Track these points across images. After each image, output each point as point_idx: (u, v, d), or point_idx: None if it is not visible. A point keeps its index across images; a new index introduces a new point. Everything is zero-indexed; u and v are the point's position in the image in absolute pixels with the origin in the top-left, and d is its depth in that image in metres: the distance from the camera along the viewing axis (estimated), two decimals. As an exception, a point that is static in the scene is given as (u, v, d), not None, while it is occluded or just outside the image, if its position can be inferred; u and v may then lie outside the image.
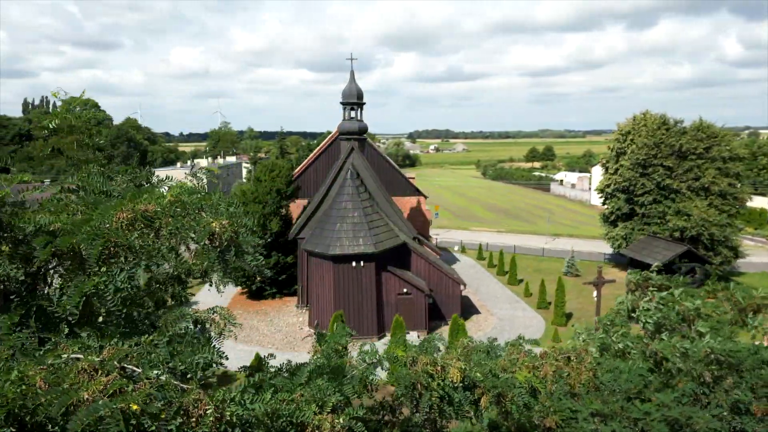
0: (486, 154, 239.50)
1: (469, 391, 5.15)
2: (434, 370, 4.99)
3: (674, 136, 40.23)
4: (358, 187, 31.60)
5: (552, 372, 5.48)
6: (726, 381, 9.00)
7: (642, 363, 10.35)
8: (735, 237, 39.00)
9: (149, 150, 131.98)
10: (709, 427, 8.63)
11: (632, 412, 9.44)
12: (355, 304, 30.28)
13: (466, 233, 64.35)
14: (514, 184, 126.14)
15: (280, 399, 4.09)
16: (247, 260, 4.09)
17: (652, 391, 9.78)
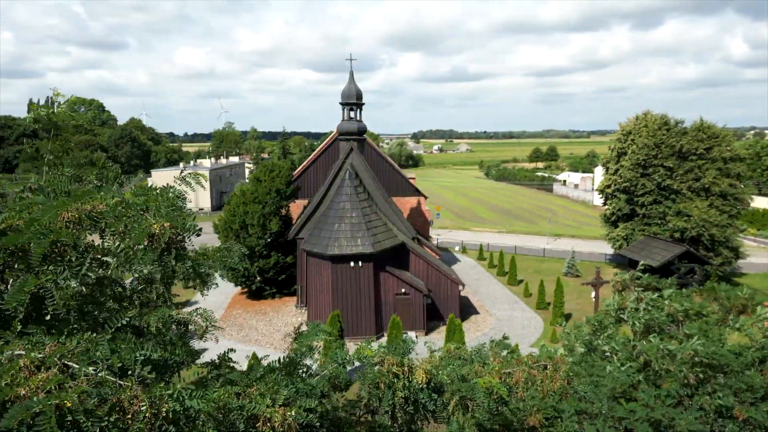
0: (489, 155, 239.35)
1: (437, 394, 5.16)
2: (400, 371, 5.00)
3: (675, 137, 40.10)
4: (357, 187, 31.63)
5: (524, 379, 5.47)
6: (709, 383, 8.97)
7: (629, 364, 10.34)
8: (736, 238, 38.83)
9: (153, 150, 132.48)
10: (690, 429, 8.63)
11: (617, 412, 9.45)
12: (353, 304, 30.31)
13: (468, 234, 64.30)
14: (517, 185, 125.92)
15: (231, 393, 4.13)
16: (186, 264, 4.10)
17: (639, 391, 9.78)
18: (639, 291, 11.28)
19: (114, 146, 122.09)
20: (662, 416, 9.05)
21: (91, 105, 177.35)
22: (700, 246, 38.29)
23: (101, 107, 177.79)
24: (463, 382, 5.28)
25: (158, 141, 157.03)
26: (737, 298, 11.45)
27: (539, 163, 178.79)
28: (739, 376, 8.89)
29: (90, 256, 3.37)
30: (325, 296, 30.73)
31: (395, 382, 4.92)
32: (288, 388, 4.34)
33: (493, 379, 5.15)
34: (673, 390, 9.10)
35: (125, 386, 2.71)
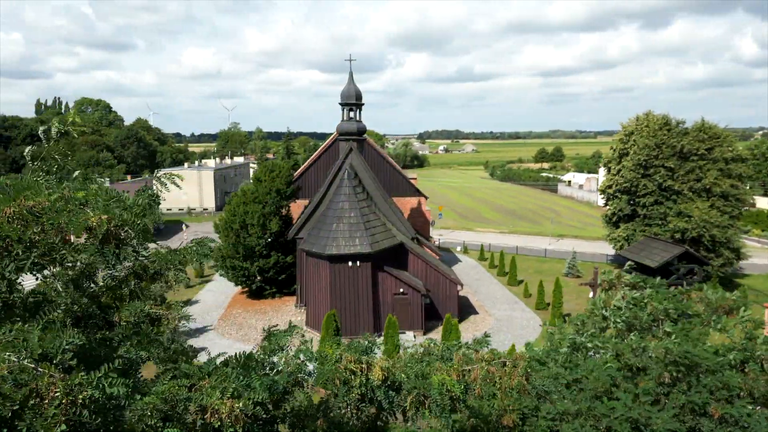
0: (495, 155, 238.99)
1: (394, 392, 5.24)
2: (358, 368, 5.09)
3: (676, 137, 39.97)
4: (355, 187, 31.73)
5: (482, 376, 5.53)
6: (684, 382, 9.01)
7: (608, 363, 10.39)
8: (737, 239, 38.65)
9: (158, 150, 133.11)
10: (666, 427, 8.68)
11: (598, 410, 9.51)
12: (351, 303, 30.41)
13: (471, 234, 64.26)
14: (522, 185, 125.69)
15: (182, 385, 4.25)
16: (128, 252, 4.22)
17: (621, 390, 9.83)
18: (624, 290, 11.32)
19: (120, 146, 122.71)
20: (639, 415, 9.11)
21: (98, 106, 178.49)
22: (701, 247, 38.14)
23: (108, 108, 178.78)
24: (422, 379, 5.36)
25: (164, 141, 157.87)
26: (724, 300, 11.46)
27: (545, 164, 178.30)
28: (715, 374, 8.92)
29: (38, 251, 3.49)
30: (323, 296, 30.86)
31: (352, 379, 5.02)
32: (239, 381, 4.45)
33: (447, 376, 5.22)
34: (650, 388, 9.15)
35: (43, 373, 2.83)
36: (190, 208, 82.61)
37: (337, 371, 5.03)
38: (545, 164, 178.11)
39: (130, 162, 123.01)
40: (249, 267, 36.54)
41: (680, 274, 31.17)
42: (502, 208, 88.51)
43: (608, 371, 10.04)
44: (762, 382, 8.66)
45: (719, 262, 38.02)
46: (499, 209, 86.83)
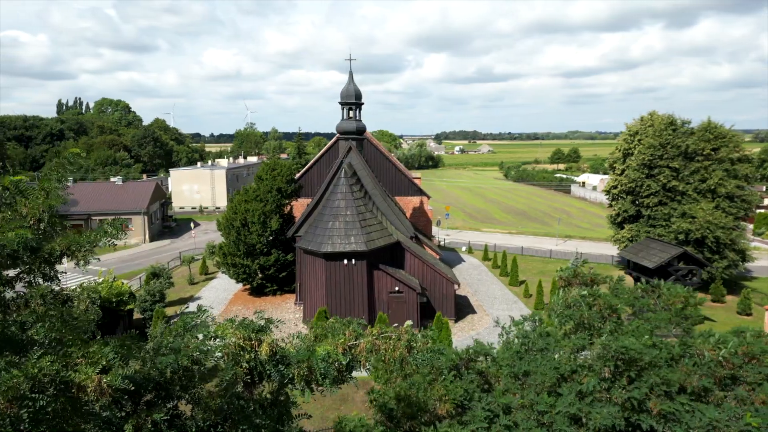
0: (511, 156, 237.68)
1: (283, 365, 5.46)
2: (248, 345, 5.31)
3: (681, 137, 39.50)
4: (352, 186, 31.95)
5: (367, 349, 5.72)
6: (624, 377, 9.04)
7: (556, 357, 10.44)
8: (742, 240, 38.05)
9: (174, 150, 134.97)
10: (603, 423, 8.74)
11: (539, 405, 9.60)
12: (347, 301, 30.66)
13: (478, 234, 64.13)
14: (535, 186, 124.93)
15: (54, 361, 4.50)
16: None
17: (569, 386, 9.90)
18: (579, 288, 11.35)
19: (137, 146, 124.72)
20: (578, 411, 9.19)
21: (117, 106, 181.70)
22: (705, 248, 37.65)
23: (127, 108, 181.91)
24: (306, 353, 5.57)
25: (181, 141, 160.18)
26: (677, 296, 11.44)
27: (560, 165, 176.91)
28: (654, 370, 8.94)
29: None
30: (319, 293, 31.14)
31: (241, 354, 5.24)
32: (113, 357, 4.68)
33: (330, 347, 5.43)
34: (591, 384, 9.20)
35: None
36: (203, 206, 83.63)
37: (226, 347, 5.26)
38: (561, 165, 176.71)
39: (146, 161, 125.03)
40: (250, 264, 36.97)
41: (679, 275, 30.80)
42: (512, 209, 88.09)
43: (552, 365, 10.12)
44: (696, 377, 8.66)
45: (724, 264, 37.47)
46: (509, 210, 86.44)
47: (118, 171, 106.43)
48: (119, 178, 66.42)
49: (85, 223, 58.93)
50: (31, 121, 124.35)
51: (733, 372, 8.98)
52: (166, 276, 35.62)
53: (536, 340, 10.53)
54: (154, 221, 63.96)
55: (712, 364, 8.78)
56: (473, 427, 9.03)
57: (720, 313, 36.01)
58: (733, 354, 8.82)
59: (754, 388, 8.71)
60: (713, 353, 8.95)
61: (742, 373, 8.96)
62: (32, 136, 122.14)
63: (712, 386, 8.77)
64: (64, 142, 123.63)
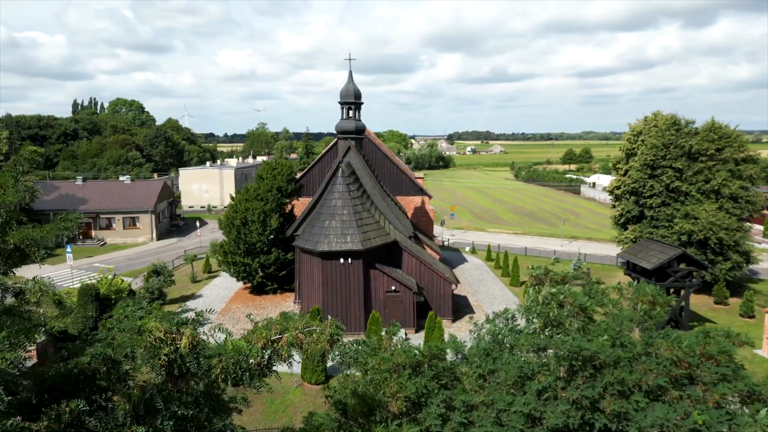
0: (523, 156, 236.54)
1: (204, 358, 5.55)
2: (169, 337, 5.41)
3: (684, 137, 39.07)
4: (349, 185, 32.05)
5: (290, 342, 5.79)
6: (579, 376, 9.02)
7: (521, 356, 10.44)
8: (746, 242, 37.54)
9: (186, 149, 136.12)
10: (556, 421, 8.73)
11: (498, 404, 9.61)
12: (343, 300, 30.76)
13: (483, 234, 63.95)
14: (545, 187, 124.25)
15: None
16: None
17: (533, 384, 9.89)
18: (549, 286, 11.33)
19: (149, 145, 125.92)
20: (533, 410, 9.19)
21: (131, 106, 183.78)
22: (708, 250, 37.22)
23: (141, 108, 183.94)
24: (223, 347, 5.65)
25: (193, 141, 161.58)
26: (645, 295, 11.38)
27: (572, 165, 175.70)
28: (610, 369, 8.91)
29: None
30: (316, 292, 31.29)
31: (160, 346, 5.34)
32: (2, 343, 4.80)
33: (241, 342, 5.51)
34: (546, 383, 9.20)
35: None
36: (211, 206, 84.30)
37: (143, 340, 5.36)
38: (572, 166, 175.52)
39: (158, 160, 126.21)
40: (250, 263, 37.23)
41: (678, 277, 30.48)
42: (520, 209, 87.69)
43: (514, 364, 10.12)
44: (651, 376, 8.61)
45: (727, 266, 37.01)
46: (516, 210, 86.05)
47: (129, 170, 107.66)
48: (128, 177, 67.15)
49: (93, 221, 59.70)
50: (45, 121, 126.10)
51: (690, 371, 8.92)
52: (167, 274, 36.01)
53: (505, 338, 10.54)
54: (161, 220, 64.60)
55: (668, 363, 8.73)
56: (427, 423, 9.08)
57: (722, 315, 35.61)
58: (688, 353, 8.76)
59: (710, 388, 8.66)
60: (669, 352, 8.89)
61: (699, 373, 8.90)
62: (47, 135, 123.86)
63: (668, 385, 8.72)
64: (77, 142, 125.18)
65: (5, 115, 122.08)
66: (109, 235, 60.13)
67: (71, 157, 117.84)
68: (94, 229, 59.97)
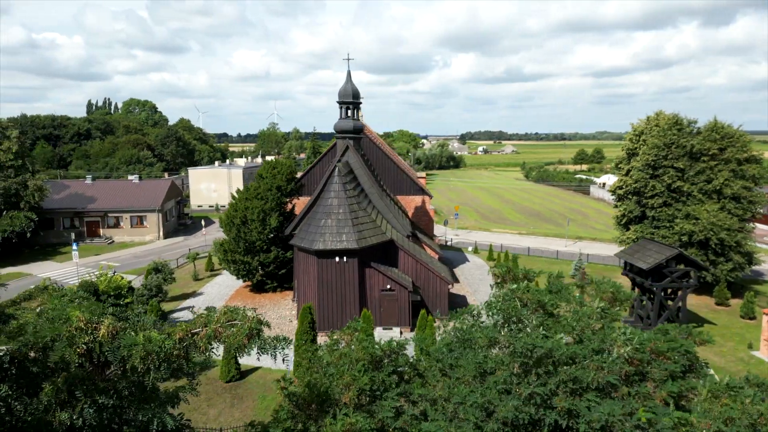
0: (535, 156, 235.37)
1: (124, 348, 5.74)
2: (88, 327, 5.61)
3: (686, 137, 38.75)
4: (346, 184, 32.23)
5: (208, 335, 5.96)
6: (533, 373, 9.10)
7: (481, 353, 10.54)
8: (749, 242, 37.14)
9: (197, 149, 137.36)
10: (506, 415, 8.83)
11: (454, 398, 9.74)
12: (338, 298, 30.96)
13: (487, 234, 63.85)
14: (554, 187, 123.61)
15: None
16: None
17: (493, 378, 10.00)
18: (511, 283, 11.41)
19: (160, 145, 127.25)
20: (488, 403, 9.30)
21: (144, 106, 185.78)
22: (709, 251, 36.90)
23: (154, 108, 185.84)
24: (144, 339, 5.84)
25: (205, 141, 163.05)
26: (606, 291, 11.43)
27: (583, 166, 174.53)
28: (563, 367, 8.99)
29: None
30: (312, 290, 31.53)
31: (78, 335, 5.54)
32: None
33: (154, 333, 5.68)
34: (501, 379, 9.30)
35: None
36: (219, 205, 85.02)
37: (61, 329, 5.56)
38: (584, 166, 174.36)
39: (169, 160, 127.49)
40: (250, 261, 37.58)
41: (674, 277, 30.26)
42: (527, 209, 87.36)
43: (477, 359, 10.23)
44: (603, 374, 8.67)
45: (729, 267, 36.66)
46: (523, 211, 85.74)
47: (141, 169, 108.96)
48: (136, 177, 67.96)
49: (101, 219, 60.54)
50: (59, 121, 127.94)
51: (641, 368, 8.97)
52: (168, 272, 36.47)
53: (467, 333, 10.65)
54: (169, 219, 65.32)
55: (619, 361, 8.79)
56: (381, 416, 9.22)
57: (723, 316, 35.30)
58: (638, 351, 8.82)
59: (659, 385, 8.70)
60: (620, 350, 8.95)
61: (650, 370, 8.95)
62: (60, 135, 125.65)
63: (618, 383, 8.78)
64: (90, 142, 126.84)
65: (20, 115, 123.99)
66: (117, 233, 60.92)
67: (84, 157, 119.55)
68: (103, 227, 60.80)
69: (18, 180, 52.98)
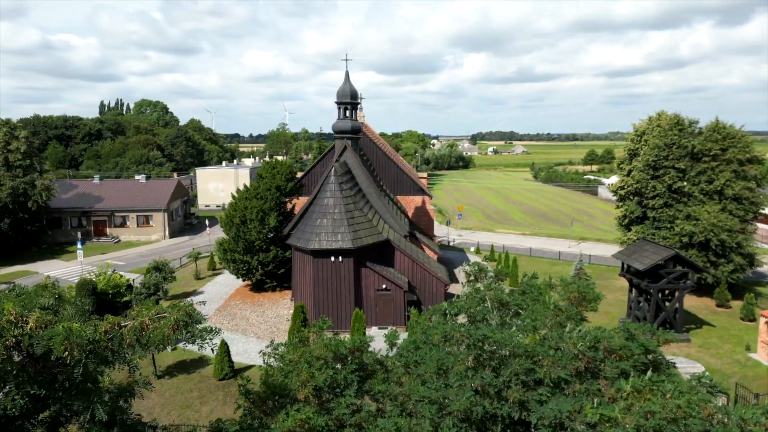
0: (545, 157, 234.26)
1: (45, 338, 5.89)
2: (18, 320, 5.80)
3: (687, 137, 38.47)
4: (342, 184, 32.41)
5: (134, 328, 6.12)
6: (487, 367, 9.19)
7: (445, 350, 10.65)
8: (749, 244, 36.77)
9: (206, 149, 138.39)
10: (458, 408, 8.94)
11: (413, 396, 9.87)
12: (334, 297, 31.15)
13: (491, 235, 63.73)
14: (562, 187, 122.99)
15: None
16: None
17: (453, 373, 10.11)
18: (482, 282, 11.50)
19: (170, 145, 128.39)
20: (442, 398, 9.42)
21: (155, 107, 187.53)
22: (710, 252, 36.60)
23: (165, 109, 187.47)
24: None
25: (215, 141, 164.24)
26: (572, 291, 11.50)
27: (593, 166, 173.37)
28: (517, 361, 9.08)
29: None
30: (308, 289, 31.75)
31: (8, 328, 5.73)
32: None
33: (76, 325, 5.86)
34: (457, 373, 9.41)
35: None
36: (226, 204, 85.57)
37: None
38: (594, 166, 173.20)
39: (179, 160, 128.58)
40: (249, 260, 37.88)
41: (671, 278, 30.06)
42: (533, 210, 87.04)
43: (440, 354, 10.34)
44: (556, 369, 8.75)
45: (729, 268, 36.32)
46: (529, 211, 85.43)
47: (150, 169, 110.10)
48: (143, 177, 68.70)
49: (108, 218, 61.27)
50: (71, 121, 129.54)
51: (594, 365, 9.03)
52: (168, 270, 36.88)
53: (434, 331, 10.77)
54: (174, 218, 65.95)
55: (566, 357, 8.86)
56: (337, 412, 9.37)
57: (722, 318, 35.00)
58: (589, 348, 8.88)
59: (612, 383, 8.75)
60: (572, 347, 9.02)
61: (603, 368, 9.01)
62: (72, 135, 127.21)
63: (572, 378, 8.85)
64: (101, 142, 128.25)
65: (32, 116, 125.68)
66: (124, 232, 61.62)
67: (95, 157, 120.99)
68: (110, 226, 61.53)
69: (26, 179, 53.82)
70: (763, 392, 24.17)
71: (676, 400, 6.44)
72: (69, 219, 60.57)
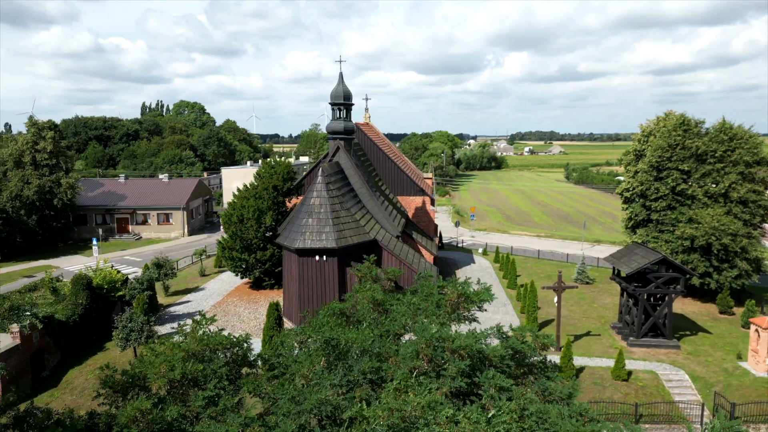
0: (583, 157, 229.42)
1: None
2: None
3: (692, 138, 37.23)
4: (329, 184, 32.81)
5: None
6: (339, 366, 9.39)
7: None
8: (755, 249, 35.29)
9: (237, 149, 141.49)
10: (309, 406, 9.18)
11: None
12: (318, 296, 31.56)
13: (504, 236, 63.07)
14: (595, 189, 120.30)
15: None
16: None
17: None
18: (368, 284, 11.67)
19: (203, 145, 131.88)
20: (298, 396, 9.67)
21: (193, 108, 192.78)
22: (712, 256, 35.36)
23: (202, 109, 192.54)
24: None
25: (249, 141, 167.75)
26: (454, 293, 11.53)
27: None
28: (363, 359, 9.24)
29: None
30: (294, 287, 32.29)
31: None
32: None
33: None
34: (311, 373, 9.64)
35: None
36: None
37: None
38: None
39: (210, 159, 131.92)
40: (247, 258, 38.74)
41: (659, 283, 29.16)
42: (556, 211, 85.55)
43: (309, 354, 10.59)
44: (394, 369, 8.86)
45: (734, 274, 35.00)
46: (552, 213, 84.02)
47: (182, 168, 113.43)
48: (166, 176, 70.88)
49: (130, 216, 63.54)
50: (110, 122, 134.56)
51: (437, 365, 9.09)
52: (169, 267, 38.11)
53: (288, 338, 11.05)
54: (195, 216, 67.84)
55: (409, 356, 8.97)
56: (195, 405, 9.72)
57: (723, 325, 33.78)
58: (429, 346, 8.96)
59: (454, 378, 8.81)
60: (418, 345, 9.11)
61: (447, 367, 9.06)
62: (110, 136, 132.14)
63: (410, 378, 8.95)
64: (138, 142, 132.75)
65: (74, 117, 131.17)
66: (145, 230, 63.77)
67: (131, 156, 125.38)
68: (131, 224, 63.79)
69: (52, 178, 56.42)
70: (742, 402, 23.33)
71: (418, 399, 6.61)
72: (94, 216, 63.06)
